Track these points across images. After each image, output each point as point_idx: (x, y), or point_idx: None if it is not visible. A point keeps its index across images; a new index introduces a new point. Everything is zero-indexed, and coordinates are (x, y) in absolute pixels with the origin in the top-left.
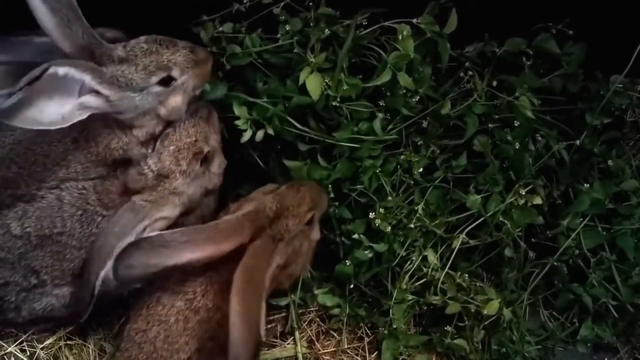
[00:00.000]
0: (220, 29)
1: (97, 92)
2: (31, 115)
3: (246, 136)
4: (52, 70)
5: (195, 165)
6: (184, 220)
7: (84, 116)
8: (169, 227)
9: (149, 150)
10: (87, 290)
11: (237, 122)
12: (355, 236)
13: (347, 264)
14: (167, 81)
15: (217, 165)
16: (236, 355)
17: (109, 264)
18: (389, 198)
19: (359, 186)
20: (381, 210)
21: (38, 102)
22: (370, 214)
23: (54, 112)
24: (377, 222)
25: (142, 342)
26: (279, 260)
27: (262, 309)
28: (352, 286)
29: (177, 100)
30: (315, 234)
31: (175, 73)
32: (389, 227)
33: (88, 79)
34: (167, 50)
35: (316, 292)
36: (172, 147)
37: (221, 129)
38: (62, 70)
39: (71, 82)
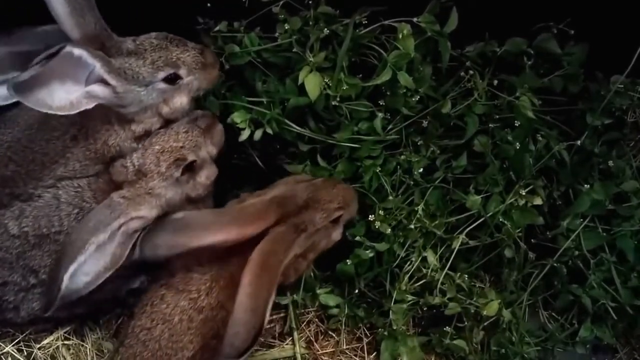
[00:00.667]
0: (219, 28)
1: (104, 82)
2: (42, 97)
3: (244, 135)
4: (68, 49)
5: (174, 170)
6: None
7: (90, 105)
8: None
9: (139, 146)
10: (55, 283)
11: (236, 121)
12: (357, 238)
13: (348, 263)
14: (173, 79)
15: (205, 176)
16: (235, 333)
17: (80, 259)
18: (389, 198)
19: (359, 186)
20: (381, 212)
21: (50, 83)
22: (370, 216)
23: (63, 97)
24: (377, 224)
25: (146, 340)
26: (297, 251)
27: (271, 295)
28: (352, 287)
29: (181, 100)
30: (337, 235)
31: (182, 72)
32: (389, 229)
33: (98, 66)
34: (176, 48)
35: (318, 291)
36: (157, 147)
37: (223, 142)
38: (77, 52)
39: (82, 67)
